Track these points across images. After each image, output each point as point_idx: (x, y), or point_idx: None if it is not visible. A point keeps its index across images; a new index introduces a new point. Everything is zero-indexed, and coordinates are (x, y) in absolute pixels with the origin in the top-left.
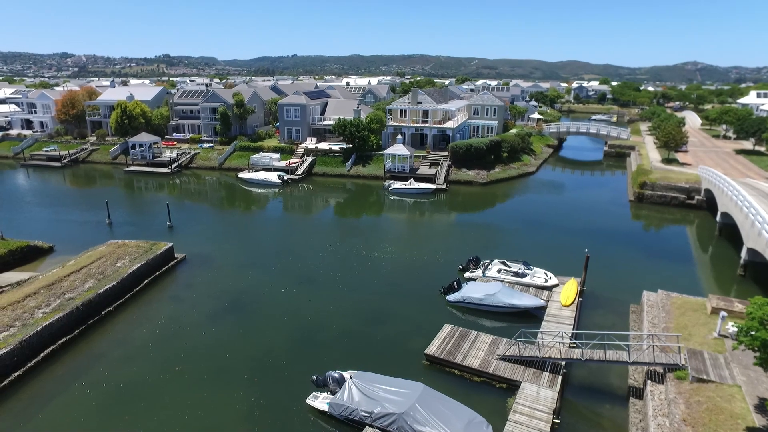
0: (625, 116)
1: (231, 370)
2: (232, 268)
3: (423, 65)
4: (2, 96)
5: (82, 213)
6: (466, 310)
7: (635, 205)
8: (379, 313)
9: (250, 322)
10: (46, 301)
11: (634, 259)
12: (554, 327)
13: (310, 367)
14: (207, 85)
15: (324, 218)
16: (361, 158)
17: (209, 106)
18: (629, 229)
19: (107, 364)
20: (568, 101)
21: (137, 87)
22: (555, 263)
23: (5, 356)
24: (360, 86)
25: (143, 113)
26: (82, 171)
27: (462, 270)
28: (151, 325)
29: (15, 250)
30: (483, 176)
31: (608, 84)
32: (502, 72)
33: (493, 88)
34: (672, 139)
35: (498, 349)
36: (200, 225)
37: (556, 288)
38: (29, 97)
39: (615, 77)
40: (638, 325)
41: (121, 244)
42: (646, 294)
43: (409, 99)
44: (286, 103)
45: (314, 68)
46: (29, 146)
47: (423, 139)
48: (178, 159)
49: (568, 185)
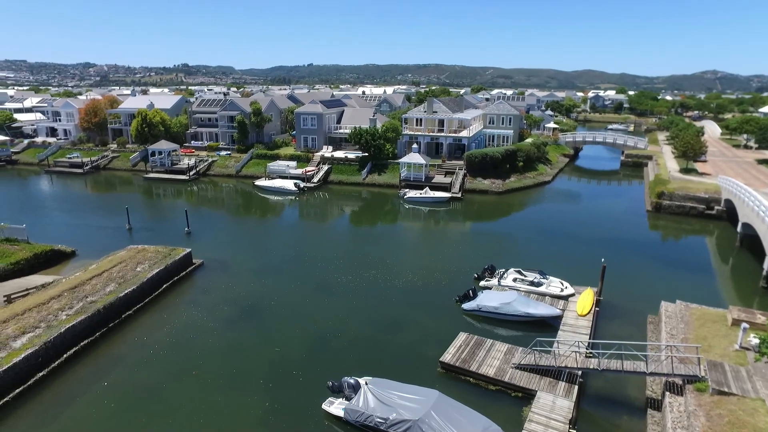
0: (643, 126)
1: (247, 375)
2: (248, 273)
3: (438, 74)
4: (29, 105)
5: (103, 218)
6: (481, 318)
7: (653, 215)
8: (395, 320)
9: (266, 327)
10: (69, 303)
11: (652, 270)
12: (570, 336)
13: (325, 373)
14: (225, 93)
15: (339, 226)
16: (377, 167)
17: (227, 115)
18: (646, 239)
19: (126, 366)
20: (584, 110)
21: (157, 96)
22: (571, 273)
23: (31, 356)
24: (375, 95)
25: (162, 121)
26: (103, 177)
27: (477, 279)
28: (169, 328)
29: (40, 253)
30: (498, 185)
31: (625, 93)
32: (517, 81)
33: (509, 97)
34: (690, 149)
35: (513, 358)
36: (217, 231)
37: (572, 297)
38: (54, 105)
39: (632, 86)
40: (656, 336)
41: (140, 249)
42: (664, 305)
43: (425, 108)
44: (302, 112)
45: (330, 77)
46: (53, 153)
47: (438, 148)
48: (196, 166)
49: (584, 195)
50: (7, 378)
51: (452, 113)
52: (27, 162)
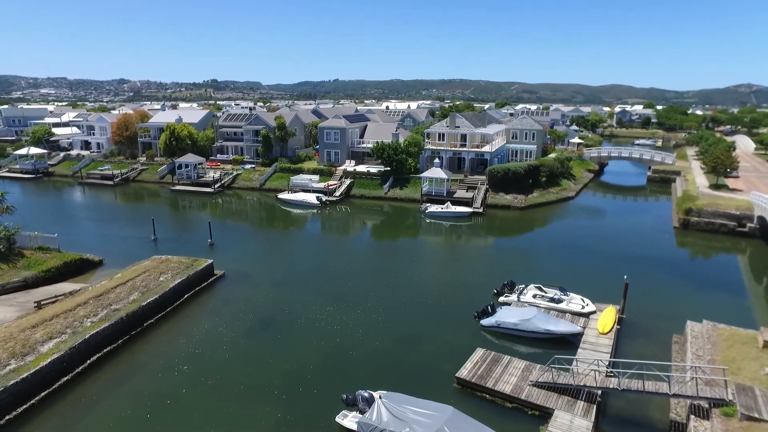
0: (671, 141)
1: (262, 386)
2: (268, 285)
3: (463, 90)
4: (66, 119)
5: (130, 229)
6: (499, 334)
7: (680, 232)
8: (412, 334)
9: (283, 338)
10: (94, 311)
11: (678, 288)
12: (590, 355)
13: (340, 386)
14: (251, 108)
15: (360, 239)
16: (399, 181)
17: (252, 129)
18: (673, 256)
19: (146, 374)
20: (610, 125)
21: (185, 110)
22: (593, 290)
23: (56, 361)
24: (399, 110)
25: (190, 135)
26: (132, 189)
27: (497, 294)
28: (189, 338)
29: (69, 262)
30: (521, 200)
31: (653, 108)
32: (542, 96)
33: (533, 112)
34: (721, 164)
35: (531, 375)
36: (240, 243)
37: (593, 315)
38: (88, 120)
39: (660, 101)
40: (681, 357)
41: (164, 260)
42: (690, 324)
43: (447, 123)
44: (326, 126)
45: (355, 92)
46: (86, 166)
47: (461, 162)
48: (221, 179)
49: (608, 211)
50: (34, 381)
51: (475, 128)
52: (62, 174)
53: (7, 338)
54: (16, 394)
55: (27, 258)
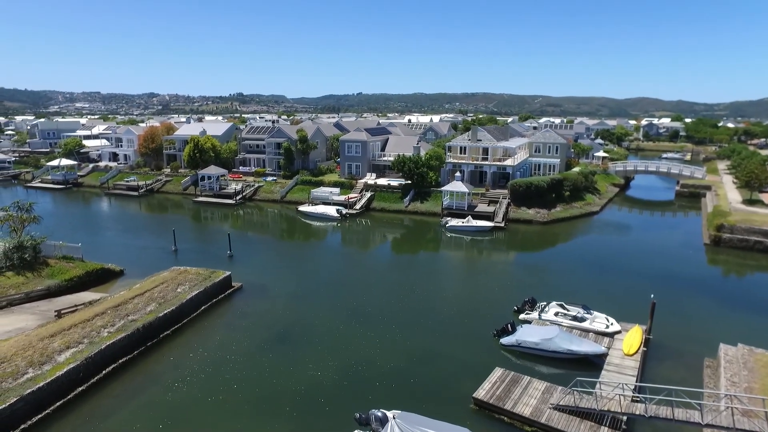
0: (701, 154)
1: (275, 401)
2: (285, 298)
3: (486, 103)
4: (96, 132)
5: (152, 239)
6: (518, 353)
7: (711, 249)
8: (429, 351)
9: (298, 353)
10: (111, 321)
11: (710, 308)
12: (615, 377)
13: (353, 404)
14: (274, 121)
15: (380, 253)
16: (420, 194)
17: (274, 141)
18: (704, 275)
19: (160, 386)
20: (636, 139)
21: (210, 123)
22: (617, 308)
23: (72, 371)
24: (421, 123)
25: (213, 147)
26: (156, 200)
27: (517, 311)
28: (204, 350)
29: (91, 271)
30: (543, 215)
31: (681, 121)
32: (566, 109)
33: (556, 125)
34: (755, 178)
35: (552, 398)
36: (259, 255)
37: (618, 335)
38: (117, 132)
39: (689, 114)
40: (714, 383)
41: (182, 271)
42: (723, 347)
43: (469, 136)
44: (347, 139)
45: (378, 106)
46: (113, 177)
47: (482, 176)
48: (242, 191)
49: (634, 226)
50: (49, 390)
51: (497, 141)
52: (90, 185)
53: (27, 346)
54: (32, 403)
55: (51, 267)
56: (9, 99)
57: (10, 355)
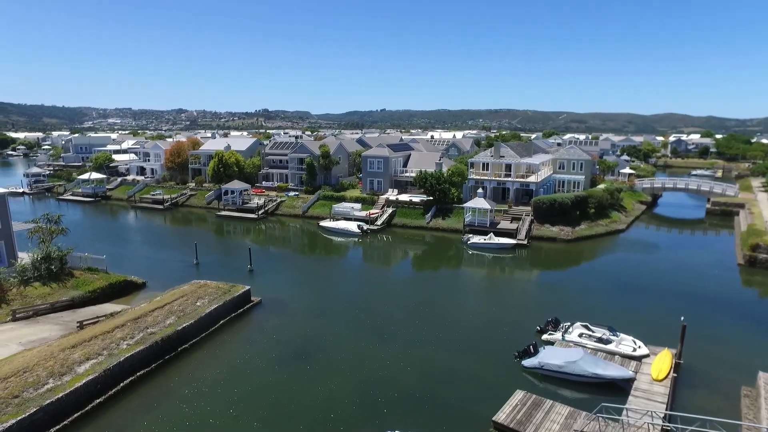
0: (733, 171)
1: (289, 419)
2: (304, 314)
3: (510, 119)
4: (125, 147)
5: (175, 252)
6: (541, 376)
7: (746, 270)
8: (448, 372)
9: (314, 370)
10: (131, 333)
11: (746, 332)
12: (643, 404)
13: (369, 424)
14: (297, 137)
15: (400, 270)
16: (441, 211)
17: (297, 157)
18: (738, 297)
19: (176, 400)
20: (664, 155)
21: (235, 138)
22: (645, 330)
23: (91, 383)
24: (444, 140)
25: (237, 162)
26: (180, 214)
27: (540, 331)
28: (221, 365)
29: (114, 283)
30: (567, 233)
31: (711, 137)
32: (592, 126)
33: (581, 141)
34: None
35: (575, 424)
36: (279, 270)
37: (646, 359)
38: (145, 147)
39: (720, 130)
40: (754, 414)
41: (202, 285)
42: (763, 376)
43: (492, 152)
44: (369, 155)
45: (402, 122)
46: (140, 190)
47: (505, 193)
48: (265, 206)
49: (662, 245)
50: (68, 402)
51: (520, 158)
52: (118, 198)
53: (48, 357)
54: (51, 413)
55: (76, 278)
56: (48, 115)
57: (33, 365)
